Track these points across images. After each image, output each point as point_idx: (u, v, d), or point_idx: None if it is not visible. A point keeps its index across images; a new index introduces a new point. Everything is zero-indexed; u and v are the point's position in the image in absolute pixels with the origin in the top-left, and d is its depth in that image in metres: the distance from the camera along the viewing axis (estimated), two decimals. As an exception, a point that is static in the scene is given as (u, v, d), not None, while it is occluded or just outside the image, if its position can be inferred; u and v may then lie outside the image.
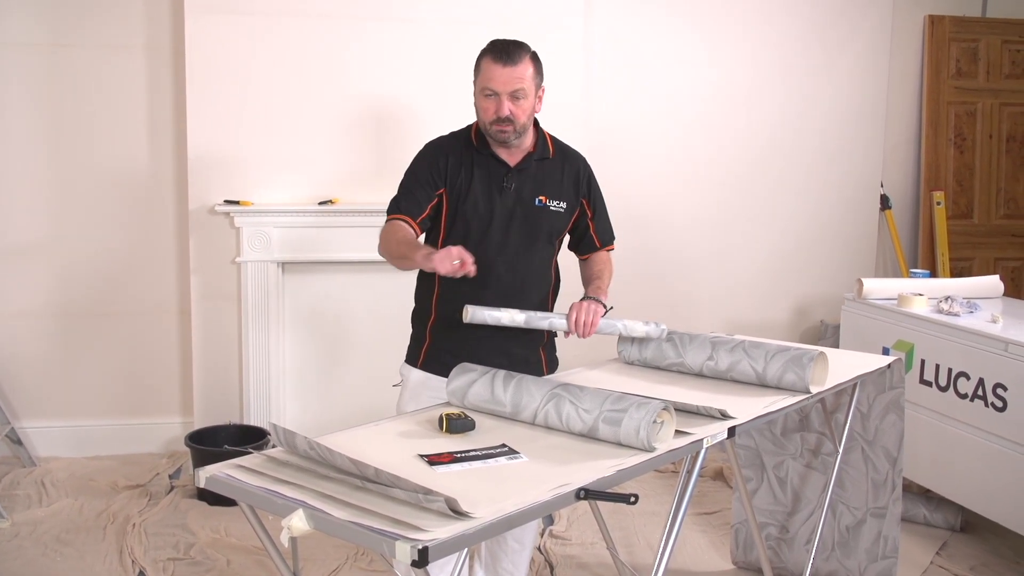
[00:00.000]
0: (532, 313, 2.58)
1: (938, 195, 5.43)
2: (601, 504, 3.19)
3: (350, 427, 2.34)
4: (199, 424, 4.48)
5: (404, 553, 1.55)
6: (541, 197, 2.71)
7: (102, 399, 4.66)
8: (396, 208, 2.68)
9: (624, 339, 2.89)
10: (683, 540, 3.76)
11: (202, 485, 1.91)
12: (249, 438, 4.25)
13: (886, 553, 3.17)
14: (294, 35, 4.41)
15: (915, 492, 4.06)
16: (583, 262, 2.95)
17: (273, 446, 2.03)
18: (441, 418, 2.22)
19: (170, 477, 4.30)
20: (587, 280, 2.88)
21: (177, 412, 4.73)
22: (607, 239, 2.95)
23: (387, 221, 2.68)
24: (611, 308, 2.73)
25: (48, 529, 3.77)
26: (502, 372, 2.37)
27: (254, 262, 4.39)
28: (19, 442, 4.45)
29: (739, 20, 5.07)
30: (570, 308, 2.63)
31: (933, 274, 5.18)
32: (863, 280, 4.17)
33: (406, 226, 2.64)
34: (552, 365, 2.89)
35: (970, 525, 3.93)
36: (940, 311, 3.84)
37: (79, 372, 4.62)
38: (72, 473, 4.36)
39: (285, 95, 4.44)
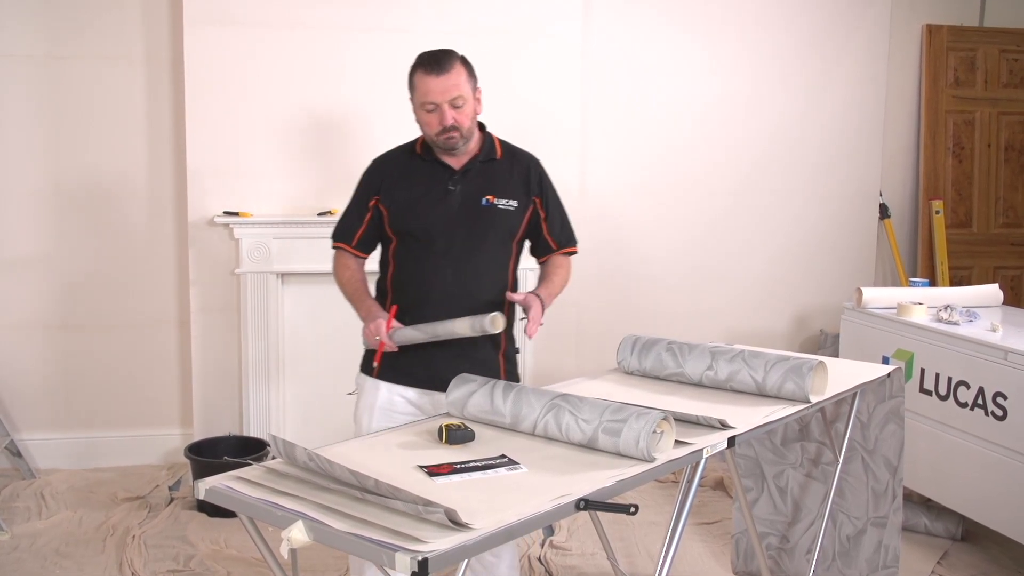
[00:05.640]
0: (450, 321, 2.55)
1: (937, 204, 5.44)
2: (601, 514, 3.18)
3: (349, 438, 2.34)
4: (199, 436, 4.48)
5: (404, 564, 1.54)
6: (489, 197, 2.69)
7: (102, 411, 4.65)
8: (334, 235, 2.82)
9: (624, 349, 2.88)
10: (683, 550, 3.75)
11: (202, 497, 1.90)
12: (248, 449, 4.25)
13: (887, 563, 3.17)
14: (292, 46, 4.42)
15: (916, 501, 4.05)
16: (540, 266, 2.88)
17: (273, 457, 2.03)
18: (441, 429, 2.22)
19: (170, 489, 4.29)
20: (538, 280, 2.83)
21: (177, 424, 4.73)
22: (565, 241, 2.87)
23: (333, 246, 2.82)
24: (542, 324, 2.65)
25: (48, 541, 3.76)
26: (502, 383, 2.37)
27: (253, 273, 4.39)
28: (19, 454, 4.45)
29: (737, 29, 5.08)
30: (525, 296, 2.62)
31: (932, 283, 5.18)
32: (862, 289, 4.17)
33: (351, 261, 2.78)
34: (512, 378, 2.83)
35: (971, 534, 3.92)
36: (940, 320, 3.84)
37: (78, 384, 4.62)
38: (72, 485, 4.35)
39: (283, 106, 4.44)
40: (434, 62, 2.57)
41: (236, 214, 4.36)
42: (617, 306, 5.06)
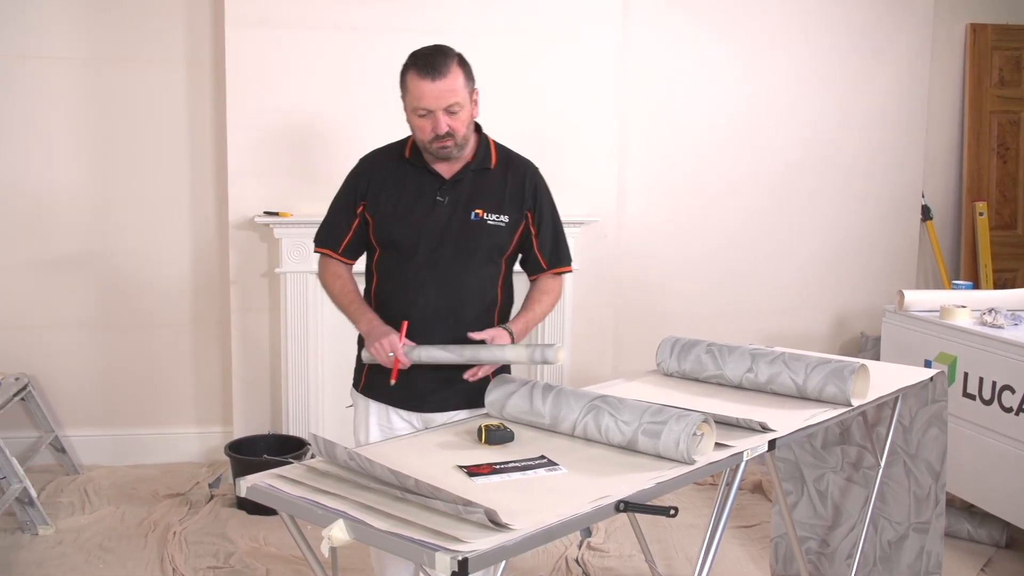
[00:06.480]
0: (498, 348, 2.39)
1: (981, 205, 5.37)
2: (640, 516, 3.17)
3: (390, 438, 2.35)
4: (238, 434, 4.52)
5: (444, 564, 1.55)
6: (478, 211, 2.51)
7: (143, 408, 4.71)
8: (318, 239, 2.66)
9: (663, 351, 2.87)
10: (722, 553, 3.73)
11: (243, 495, 1.92)
12: (287, 448, 4.28)
13: (929, 569, 3.13)
14: (332, 48, 4.45)
15: (958, 507, 4.00)
16: (530, 284, 2.69)
17: (313, 456, 2.04)
18: (480, 429, 2.23)
19: (210, 486, 4.33)
20: (521, 308, 2.64)
21: (217, 422, 4.77)
22: (556, 261, 2.66)
23: (315, 250, 2.67)
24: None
25: (91, 536, 3.82)
26: (541, 383, 2.36)
27: (293, 273, 4.42)
28: (63, 450, 4.52)
29: (774, 32, 5.06)
30: (492, 335, 2.47)
31: (976, 286, 5.11)
32: (904, 292, 4.12)
33: (341, 269, 2.63)
34: None
35: (1015, 541, 3.86)
36: (983, 323, 3.79)
37: (121, 382, 4.68)
38: (114, 481, 4.41)
39: (323, 107, 4.47)
40: (429, 65, 2.37)
41: (276, 214, 4.39)
42: (654, 308, 5.05)
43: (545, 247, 2.63)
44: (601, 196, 4.77)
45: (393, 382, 2.43)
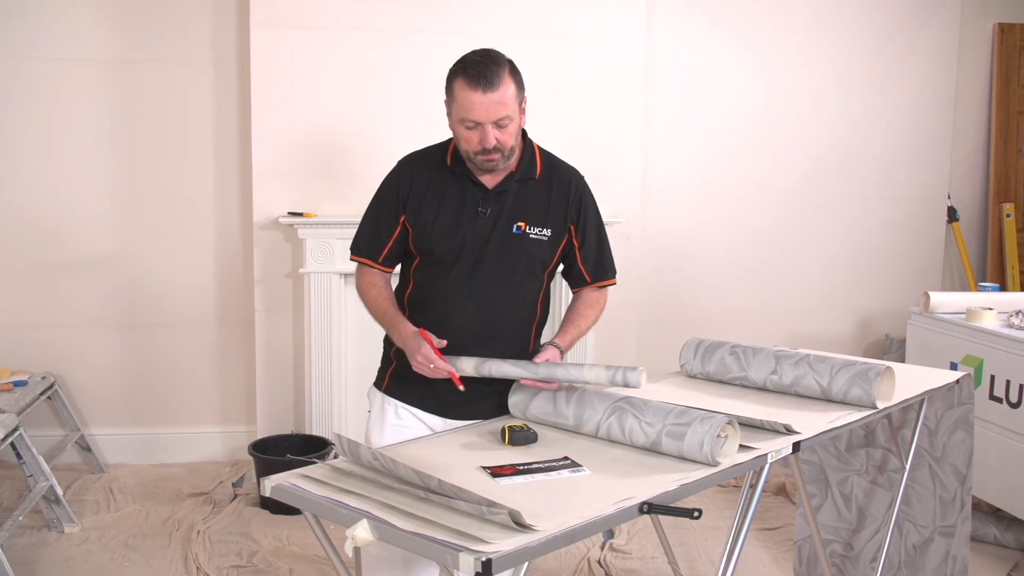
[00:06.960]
0: (574, 367, 2.28)
1: (1008, 207, 5.33)
2: (663, 518, 3.16)
3: (413, 438, 2.35)
4: (262, 433, 4.54)
5: (468, 565, 1.55)
6: (520, 223, 2.41)
7: (168, 408, 4.74)
8: (356, 248, 2.52)
9: (687, 352, 2.86)
10: (745, 556, 3.72)
11: (268, 494, 1.93)
12: (310, 448, 4.29)
13: (955, 573, 3.11)
14: (357, 49, 4.46)
15: (985, 511, 3.96)
16: (573, 296, 2.62)
17: (336, 456, 2.05)
18: (504, 430, 2.23)
19: (233, 485, 4.35)
20: (564, 320, 2.56)
21: (241, 421, 4.79)
22: (600, 274, 2.57)
23: (352, 259, 2.54)
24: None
25: (116, 535, 3.85)
26: (565, 384, 2.36)
27: (317, 273, 4.44)
28: (88, 449, 4.55)
29: (799, 33, 5.03)
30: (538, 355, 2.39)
31: (1003, 288, 5.07)
32: (930, 294, 4.09)
33: (378, 278, 2.51)
34: None
35: (1042, 545, 3.83)
36: (1010, 325, 3.75)
37: (146, 381, 4.71)
38: (139, 480, 4.44)
39: (348, 108, 4.48)
40: (480, 74, 2.23)
41: (300, 215, 4.41)
42: (678, 309, 5.04)
43: (589, 260, 2.54)
44: (625, 197, 4.75)
45: (461, 388, 2.31)
